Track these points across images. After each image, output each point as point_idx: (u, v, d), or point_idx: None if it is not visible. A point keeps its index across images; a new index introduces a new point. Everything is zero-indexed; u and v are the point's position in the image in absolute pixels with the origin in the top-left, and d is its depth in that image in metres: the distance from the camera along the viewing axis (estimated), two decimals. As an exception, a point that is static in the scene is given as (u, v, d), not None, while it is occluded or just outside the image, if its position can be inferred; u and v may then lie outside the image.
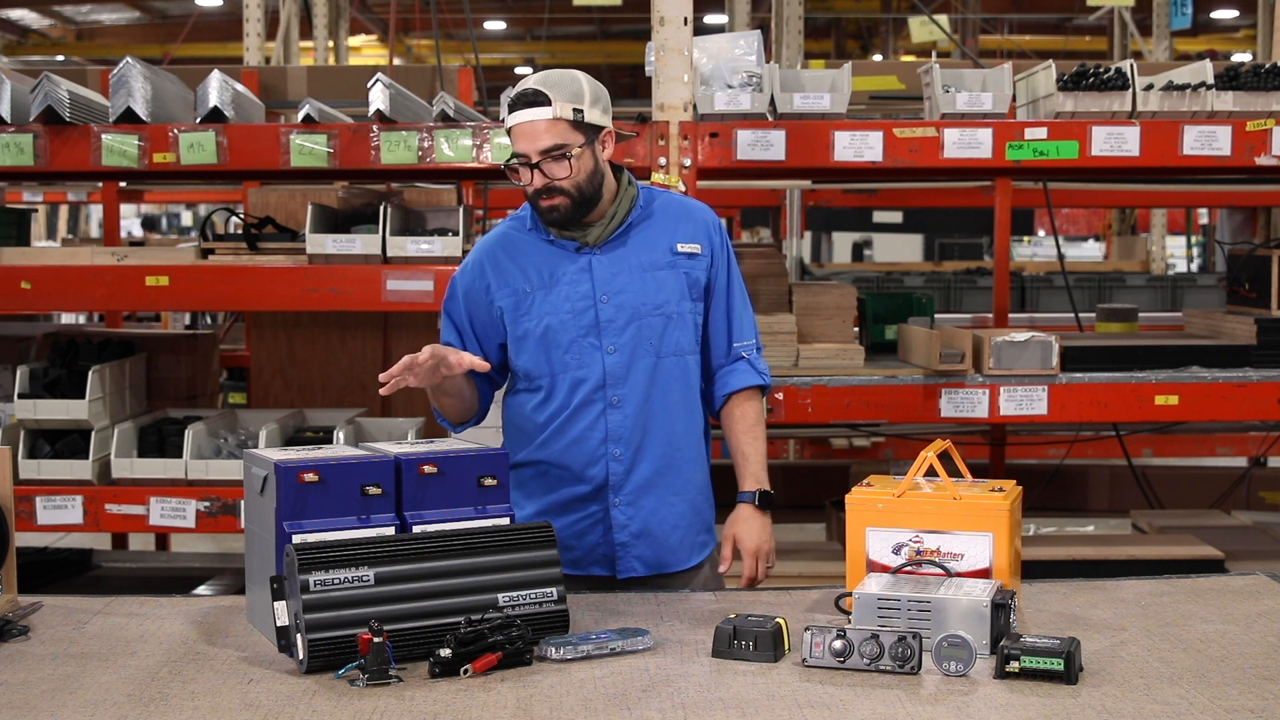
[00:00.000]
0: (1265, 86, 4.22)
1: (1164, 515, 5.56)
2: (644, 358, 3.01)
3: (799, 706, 2.22)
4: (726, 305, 3.12)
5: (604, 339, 3.00)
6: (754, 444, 3.13)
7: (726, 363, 3.14)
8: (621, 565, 3.05)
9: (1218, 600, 2.81)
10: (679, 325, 3.04)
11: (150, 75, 4.21)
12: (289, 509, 2.49)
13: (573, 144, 2.91)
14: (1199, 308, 7.43)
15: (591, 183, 2.96)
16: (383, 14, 16.50)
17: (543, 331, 3.02)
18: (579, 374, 3.01)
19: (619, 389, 3.00)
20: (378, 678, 2.30)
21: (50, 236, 18.16)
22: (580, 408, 3.01)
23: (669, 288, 3.03)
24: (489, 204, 6.22)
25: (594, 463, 3.02)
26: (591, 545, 3.05)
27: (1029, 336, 4.17)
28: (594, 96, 2.95)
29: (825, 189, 8.94)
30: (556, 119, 2.89)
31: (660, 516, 3.05)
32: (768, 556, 3.09)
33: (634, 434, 3.01)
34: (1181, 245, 16.59)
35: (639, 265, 3.02)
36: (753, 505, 3.09)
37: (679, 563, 3.09)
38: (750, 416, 3.14)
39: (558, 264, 3.03)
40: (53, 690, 2.31)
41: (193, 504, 4.16)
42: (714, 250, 3.10)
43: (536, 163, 2.91)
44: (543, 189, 2.94)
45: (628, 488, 3.03)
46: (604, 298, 3.00)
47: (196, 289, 4.19)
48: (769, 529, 3.10)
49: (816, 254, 14.21)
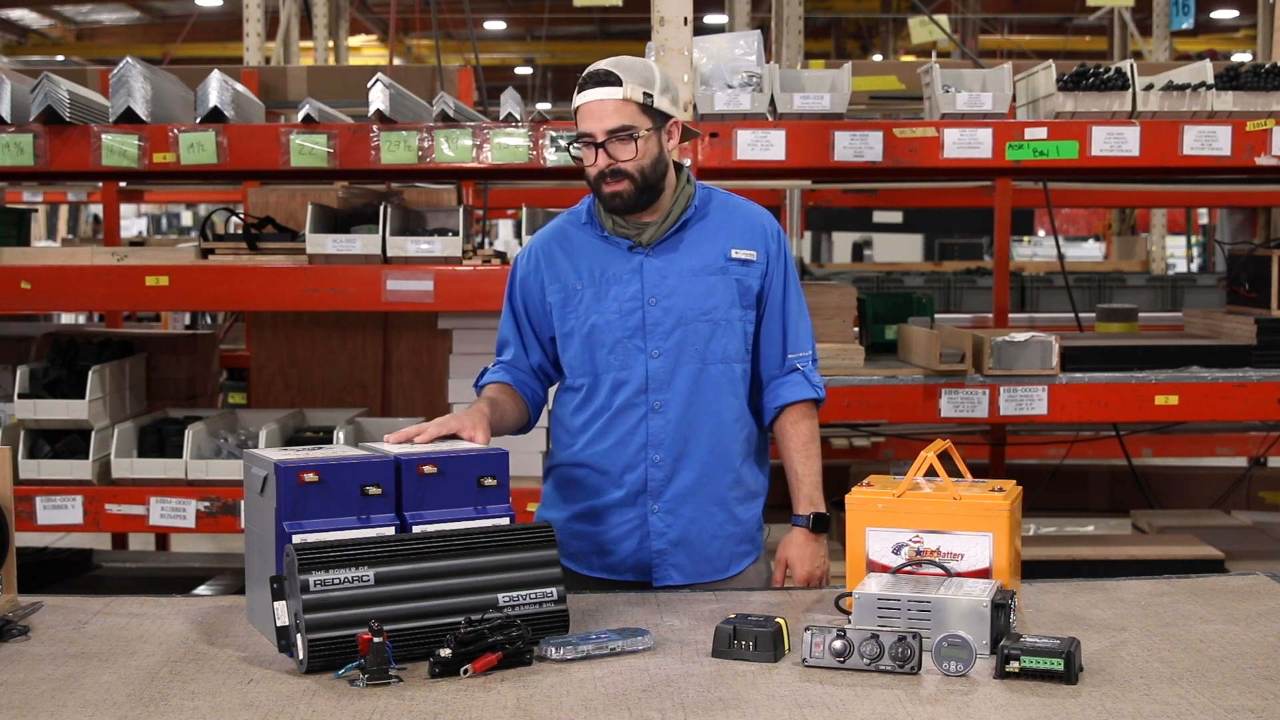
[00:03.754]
0: (1265, 86, 4.22)
1: (1164, 515, 5.56)
2: (689, 363, 2.96)
3: (799, 706, 2.21)
4: (782, 314, 3.05)
5: (649, 342, 2.96)
6: (806, 463, 3.06)
7: (780, 374, 3.07)
8: (658, 573, 3.01)
9: (1218, 600, 2.81)
10: (727, 332, 2.99)
11: (150, 75, 4.21)
12: (289, 509, 2.49)
13: (640, 127, 2.88)
14: (1199, 308, 7.45)
15: (655, 170, 2.92)
16: (383, 14, 16.51)
17: (588, 330, 2.98)
18: (621, 375, 2.97)
19: (662, 394, 2.96)
20: (378, 678, 2.30)
21: (50, 236, 18.16)
22: (621, 410, 2.98)
23: (719, 293, 2.98)
24: (489, 204, 6.22)
25: (633, 468, 2.98)
26: (627, 552, 3.00)
27: (1029, 336, 4.17)
28: (664, 85, 2.94)
29: (825, 189, 8.94)
30: (626, 100, 2.87)
31: (699, 526, 3.00)
32: (820, 581, 3.04)
33: (675, 440, 2.97)
34: (1181, 245, 16.60)
35: (690, 269, 2.98)
36: (806, 529, 3.04)
37: (716, 573, 3.04)
38: (803, 434, 3.06)
39: (610, 263, 2.99)
40: (53, 690, 2.31)
41: (193, 504, 4.16)
42: (770, 258, 3.04)
43: (602, 142, 2.88)
44: (607, 172, 2.89)
45: (667, 495, 2.98)
46: (652, 300, 2.96)
47: (196, 289, 4.19)
48: (822, 552, 3.05)
49: (816, 254, 14.23)
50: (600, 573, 3.02)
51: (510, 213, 11.52)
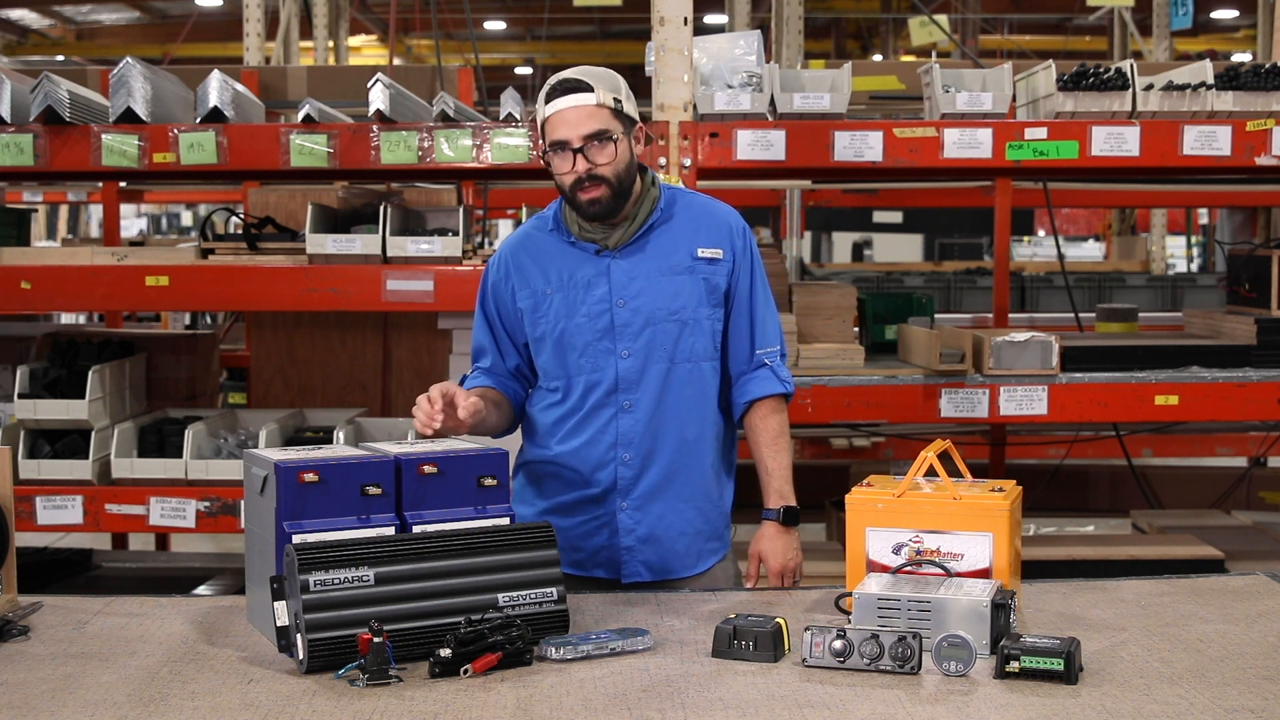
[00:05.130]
0: (1265, 86, 4.22)
1: (1164, 515, 5.56)
2: (658, 363, 3.00)
3: (799, 706, 2.21)
4: (749, 311, 3.09)
5: (618, 343, 2.99)
6: (776, 457, 3.08)
7: (748, 370, 3.10)
8: (626, 569, 3.04)
9: (1218, 600, 2.81)
10: (695, 331, 3.02)
11: (150, 75, 4.21)
12: (289, 509, 2.49)
13: (614, 130, 2.92)
14: (1199, 308, 7.44)
15: (629, 174, 2.96)
16: (383, 14, 16.50)
17: (559, 334, 3.01)
18: (593, 377, 3.00)
19: (631, 394, 3.00)
20: (378, 678, 2.30)
21: (50, 236, 18.16)
22: (592, 411, 3.01)
23: (687, 293, 3.01)
24: (489, 204, 6.22)
25: (603, 466, 3.01)
26: (597, 548, 3.04)
27: (1029, 336, 4.17)
28: (628, 93, 3.00)
29: (825, 189, 8.94)
30: (600, 105, 2.91)
31: (667, 523, 3.03)
32: (794, 574, 3.06)
33: (644, 439, 3.00)
34: (1181, 245, 16.59)
35: (657, 269, 3.01)
36: (777, 523, 3.06)
37: (684, 569, 3.07)
38: (773, 429, 3.09)
39: (577, 267, 3.02)
40: (53, 690, 2.31)
41: (193, 504, 4.16)
42: (736, 255, 3.07)
43: (580, 148, 2.90)
44: (585, 178, 2.91)
45: (636, 492, 3.02)
46: (620, 302, 2.99)
47: (196, 289, 4.19)
48: (794, 546, 3.07)
49: (816, 254, 14.22)
50: (569, 569, 3.03)
51: (510, 213, 11.55)
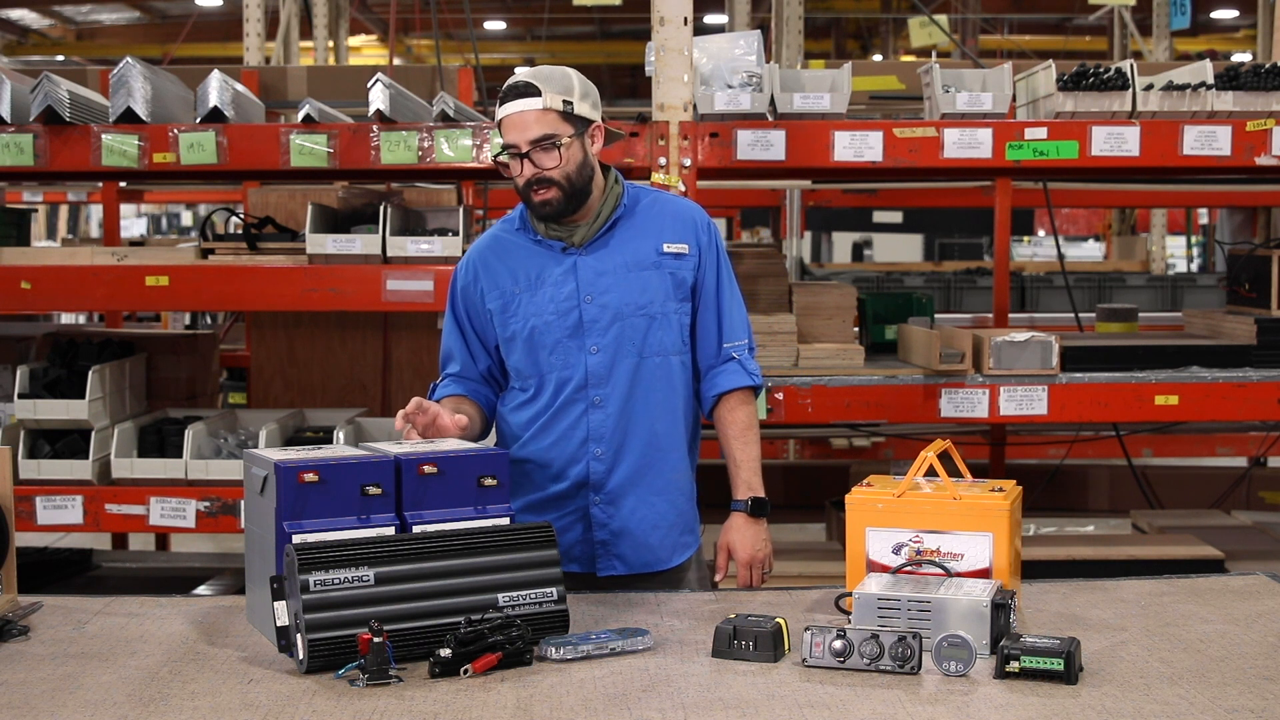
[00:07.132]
0: (1265, 86, 4.22)
1: (1164, 515, 5.56)
2: (627, 358, 3.02)
3: (799, 706, 2.22)
4: (716, 305, 3.11)
5: (587, 339, 3.01)
6: (745, 449, 3.12)
7: (716, 363, 3.13)
8: (601, 563, 3.07)
9: (1218, 600, 2.81)
10: (663, 326, 3.05)
11: (150, 75, 4.21)
12: (289, 509, 2.49)
13: (562, 134, 2.93)
14: (1199, 308, 7.44)
15: (581, 174, 2.98)
16: (383, 14, 16.50)
17: (529, 333, 3.04)
18: (564, 374, 3.03)
19: (601, 389, 3.02)
20: (378, 678, 2.30)
21: (50, 236, 18.16)
22: (563, 407, 3.03)
23: (654, 288, 3.04)
24: (489, 204, 6.22)
25: (575, 462, 3.04)
26: (571, 543, 3.06)
27: (1029, 336, 4.17)
28: (583, 91, 2.99)
29: (825, 189, 8.94)
30: (546, 109, 2.93)
31: (640, 516, 3.06)
32: (763, 564, 3.09)
33: (615, 434, 3.03)
34: (1181, 245, 16.59)
35: (624, 265, 3.04)
36: (745, 514, 3.09)
37: (660, 563, 3.10)
38: (741, 421, 3.12)
39: (544, 265, 3.05)
40: (53, 690, 2.31)
41: (193, 504, 4.16)
42: (702, 249, 3.10)
43: (526, 153, 2.94)
44: (534, 181, 2.95)
45: (608, 487, 3.04)
46: (588, 298, 3.02)
47: (196, 289, 4.19)
48: (763, 536, 3.10)
49: (816, 254, 14.21)
50: None
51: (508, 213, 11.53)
